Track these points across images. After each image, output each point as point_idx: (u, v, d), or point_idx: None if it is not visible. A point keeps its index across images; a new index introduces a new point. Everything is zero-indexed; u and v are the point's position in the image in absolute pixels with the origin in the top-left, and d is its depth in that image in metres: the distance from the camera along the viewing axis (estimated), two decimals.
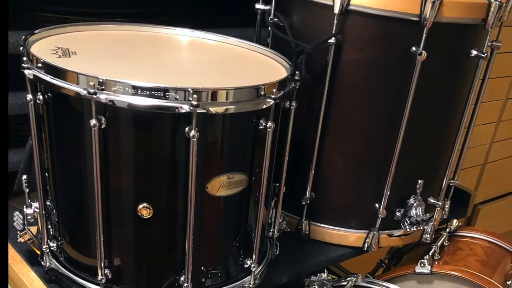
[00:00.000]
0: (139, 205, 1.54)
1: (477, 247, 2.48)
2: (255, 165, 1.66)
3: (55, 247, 1.73)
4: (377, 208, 2.12)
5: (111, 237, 1.59)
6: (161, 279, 1.68)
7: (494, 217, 4.06)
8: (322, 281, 2.13)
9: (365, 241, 2.19)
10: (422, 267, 2.28)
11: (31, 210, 1.71)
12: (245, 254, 1.79)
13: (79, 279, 1.70)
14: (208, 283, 1.73)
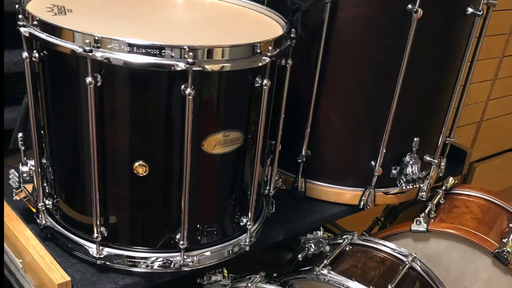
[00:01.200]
0: (135, 163, 1.55)
1: (473, 205, 2.50)
2: (251, 123, 1.68)
3: (51, 205, 1.76)
4: (373, 166, 2.14)
5: (106, 195, 1.61)
6: (157, 237, 1.70)
7: (490, 175, 4.08)
8: (318, 239, 2.15)
9: (361, 199, 2.21)
10: (418, 225, 2.29)
11: (27, 168, 1.72)
12: (241, 212, 1.81)
13: (74, 237, 1.72)
14: (204, 241, 1.76)
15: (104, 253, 1.68)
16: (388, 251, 2.17)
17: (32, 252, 1.66)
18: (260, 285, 1.91)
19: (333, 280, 1.97)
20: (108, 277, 1.71)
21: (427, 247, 2.33)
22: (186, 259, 1.71)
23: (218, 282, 1.90)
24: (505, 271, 2.26)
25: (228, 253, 1.81)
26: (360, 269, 2.09)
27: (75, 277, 1.67)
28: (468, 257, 2.29)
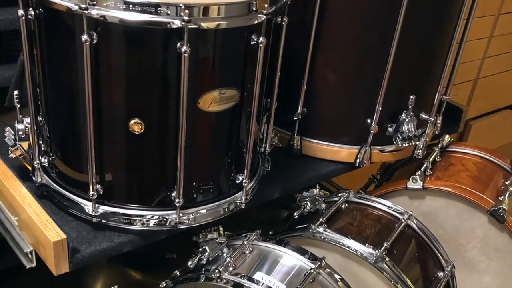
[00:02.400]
0: (131, 121, 1.56)
1: (469, 162, 2.51)
2: (247, 81, 1.69)
3: (47, 163, 1.77)
4: (369, 123, 2.16)
5: (102, 153, 1.63)
6: (153, 195, 1.72)
7: (486, 133, 4.09)
8: (314, 197, 2.17)
9: (357, 156, 2.23)
10: (414, 182, 2.31)
11: (23, 126, 1.73)
12: (237, 170, 1.83)
13: (70, 195, 1.74)
14: (199, 199, 1.78)
15: (100, 211, 1.70)
16: (384, 209, 2.19)
17: (27, 210, 1.67)
18: (256, 243, 1.93)
19: (329, 238, 2.00)
20: (103, 235, 1.73)
21: (423, 205, 2.35)
22: (181, 217, 1.73)
23: (214, 240, 1.92)
24: (501, 229, 2.29)
25: (224, 211, 1.84)
26: (356, 227, 2.12)
27: (71, 234, 1.69)
28: (464, 215, 2.32)
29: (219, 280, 1.76)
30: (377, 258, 1.94)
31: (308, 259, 1.87)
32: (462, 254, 2.38)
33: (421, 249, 2.15)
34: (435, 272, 2.15)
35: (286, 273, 1.84)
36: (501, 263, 2.36)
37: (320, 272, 1.85)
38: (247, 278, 1.77)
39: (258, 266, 1.86)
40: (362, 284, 1.98)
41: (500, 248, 2.33)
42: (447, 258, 2.19)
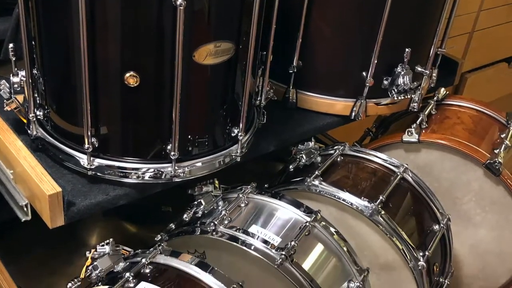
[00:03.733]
0: (126, 74, 1.57)
1: (464, 115, 2.52)
2: (242, 34, 1.69)
3: (42, 116, 1.78)
4: (365, 76, 2.17)
5: (98, 106, 1.64)
6: (148, 148, 1.74)
7: (481, 86, 4.09)
8: (309, 150, 2.18)
9: (352, 109, 2.24)
10: (409, 135, 2.33)
11: (18, 79, 1.73)
12: (232, 123, 1.85)
13: (65, 148, 1.75)
14: (195, 152, 1.79)
15: (95, 164, 1.72)
16: (380, 162, 2.20)
17: (23, 163, 1.69)
18: (251, 195, 1.95)
19: (325, 191, 2.01)
20: (99, 188, 1.75)
21: (419, 158, 2.37)
22: (177, 170, 1.75)
23: (209, 193, 1.93)
24: (496, 182, 2.31)
25: (219, 164, 1.85)
26: (352, 180, 2.13)
27: (66, 188, 1.71)
28: (459, 168, 2.33)
29: (215, 233, 1.78)
30: (372, 211, 1.96)
31: (304, 212, 1.89)
32: (457, 207, 2.41)
33: (416, 202, 2.17)
34: (431, 225, 2.17)
35: (281, 226, 1.86)
36: (497, 216, 2.38)
37: (315, 225, 1.87)
38: (242, 231, 1.80)
39: (254, 219, 1.88)
40: (358, 237, 2.00)
41: (496, 201, 2.35)
42: (442, 211, 2.21)
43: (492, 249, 2.46)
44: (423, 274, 2.00)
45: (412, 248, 1.98)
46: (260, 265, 1.74)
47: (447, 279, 2.28)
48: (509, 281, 2.51)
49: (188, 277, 1.63)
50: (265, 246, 1.75)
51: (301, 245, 1.79)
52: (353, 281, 1.87)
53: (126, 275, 1.60)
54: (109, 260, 1.68)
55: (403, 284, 2.04)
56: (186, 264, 1.65)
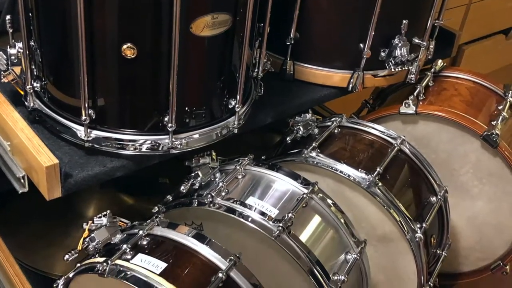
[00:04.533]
0: (123, 45, 1.57)
1: (461, 87, 2.52)
2: (239, 5, 1.70)
3: (39, 88, 1.78)
4: (362, 48, 2.17)
5: (95, 78, 1.64)
6: (145, 120, 1.74)
7: (479, 58, 4.09)
8: (306, 122, 2.18)
9: (349, 81, 2.24)
10: (406, 107, 2.32)
11: (15, 51, 1.72)
12: (229, 95, 1.85)
13: (63, 120, 1.76)
14: (192, 124, 1.80)
15: (92, 136, 1.72)
16: (377, 133, 2.20)
17: (20, 135, 1.69)
18: (248, 167, 1.95)
19: (322, 162, 2.01)
20: (96, 160, 1.75)
21: (416, 129, 2.37)
22: (174, 141, 1.75)
23: (207, 165, 1.94)
24: (493, 153, 2.31)
25: (217, 135, 1.86)
26: (349, 151, 2.13)
27: (63, 159, 1.72)
28: (457, 139, 2.34)
29: (212, 205, 1.79)
30: (369, 183, 1.96)
31: (301, 184, 1.90)
32: (455, 179, 2.42)
33: (413, 174, 2.18)
34: (428, 197, 2.18)
35: (278, 198, 1.87)
36: (494, 188, 2.39)
37: (312, 197, 1.88)
38: (239, 203, 1.80)
39: (251, 191, 1.88)
40: (355, 209, 2.01)
41: (493, 173, 2.36)
42: (440, 183, 2.22)
43: (489, 221, 2.47)
44: (420, 246, 2.01)
45: (409, 220, 1.99)
46: (257, 237, 1.75)
47: (444, 251, 2.29)
48: (506, 253, 2.52)
49: (185, 249, 1.64)
50: (262, 218, 1.76)
51: (298, 217, 1.80)
52: (351, 252, 1.88)
53: (123, 247, 1.61)
54: (106, 232, 1.70)
55: (400, 255, 2.05)
56: (183, 236, 1.66)
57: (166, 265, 1.57)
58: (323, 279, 1.74)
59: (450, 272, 2.66)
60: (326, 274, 1.77)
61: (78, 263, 1.67)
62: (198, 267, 1.61)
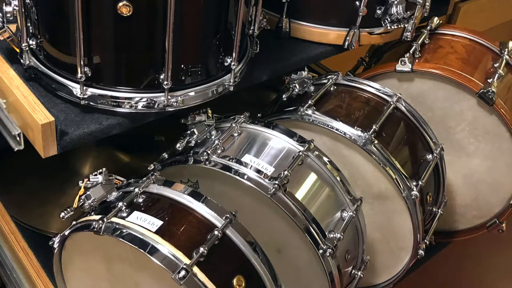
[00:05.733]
0: (119, 3, 1.57)
1: (458, 45, 2.52)
2: None
3: (35, 45, 1.77)
4: (358, 5, 2.17)
5: (90, 35, 1.64)
6: (141, 77, 1.75)
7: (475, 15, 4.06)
8: (302, 79, 2.18)
9: (345, 38, 2.24)
10: (402, 65, 2.32)
11: (10, 8, 1.71)
12: (225, 52, 1.85)
13: (58, 77, 1.76)
14: (188, 81, 1.80)
15: (88, 94, 1.73)
16: (373, 91, 2.20)
17: (15, 92, 1.69)
18: (244, 125, 1.96)
19: (318, 120, 2.02)
20: (92, 118, 1.75)
21: (412, 87, 2.37)
22: (170, 99, 1.76)
23: (202, 122, 1.94)
24: (490, 111, 2.31)
25: (212, 93, 1.86)
26: (345, 109, 2.14)
27: (59, 117, 1.72)
28: (453, 97, 2.34)
29: (208, 163, 1.80)
30: (365, 141, 1.97)
31: (297, 141, 1.90)
32: (451, 137, 2.42)
33: (409, 131, 2.18)
34: (424, 154, 2.19)
35: (274, 156, 1.88)
36: (490, 145, 2.40)
37: (308, 155, 1.88)
38: (235, 161, 1.81)
39: (247, 149, 1.89)
40: (351, 167, 2.02)
41: (489, 130, 2.36)
42: (436, 140, 2.22)
43: (485, 178, 2.49)
44: (416, 203, 2.02)
45: (405, 178, 2.01)
46: (253, 195, 1.76)
47: (440, 209, 2.31)
48: (502, 211, 2.54)
49: (181, 207, 1.65)
50: (258, 176, 1.77)
51: (294, 175, 1.81)
52: (346, 210, 1.90)
53: (119, 205, 1.62)
54: (102, 190, 1.71)
55: (396, 213, 2.06)
56: (179, 193, 1.67)
57: (162, 223, 1.58)
58: (319, 237, 1.76)
59: (446, 230, 2.68)
60: (322, 232, 1.78)
61: (73, 221, 1.68)
62: (194, 225, 1.63)
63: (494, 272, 3.77)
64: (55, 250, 1.73)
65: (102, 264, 1.69)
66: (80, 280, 1.80)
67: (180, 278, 1.44)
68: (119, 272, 1.68)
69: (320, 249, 1.75)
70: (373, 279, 2.28)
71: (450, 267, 3.63)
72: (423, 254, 2.14)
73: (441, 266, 3.49)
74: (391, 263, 2.22)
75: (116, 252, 1.63)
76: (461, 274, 3.72)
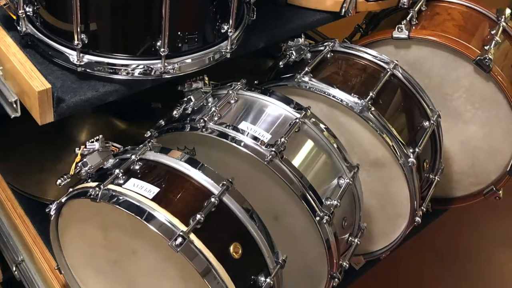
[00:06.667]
0: None
1: (454, 12, 2.51)
2: None
3: (31, 12, 1.77)
4: None
5: (87, 1, 1.63)
6: (138, 44, 1.75)
7: None
8: (299, 46, 2.18)
9: (342, 5, 2.24)
10: (399, 32, 2.32)
11: None
12: (222, 19, 1.85)
13: (55, 44, 1.76)
14: (184, 48, 1.80)
15: (85, 60, 1.73)
16: (370, 58, 2.19)
17: (12, 59, 1.69)
18: (241, 92, 1.96)
19: (314, 87, 2.02)
20: (88, 84, 1.76)
21: (409, 54, 2.37)
22: (167, 66, 1.76)
23: (199, 90, 1.94)
24: (486, 78, 2.32)
25: (209, 60, 1.86)
26: (342, 76, 2.14)
27: (56, 84, 1.72)
28: (449, 64, 2.34)
29: (204, 130, 1.80)
30: (362, 108, 1.97)
31: (294, 108, 1.91)
32: (448, 104, 2.43)
33: (406, 98, 2.19)
34: (421, 121, 2.19)
35: (271, 123, 1.88)
36: (487, 112, 2.41)
37: (305, 122, 1.89)
38: (232, 128, 1.81)
39: (243, 116, 1.89)
40: (348, 134, 2.03)
41: (486, 97, 2.37)
42: (432, 107, 2.22)
43: (482, 145, 2.50)
44: (413, 170, 2.03)
45: (402, 145, 2.01)
46: (250, 162, 1.77)
47: (437, 176, 2.32)
48: (499, 178, 2.55)
49: (178, 174, 1.66)
50: (254, 143, 1.77)
51: (291, 142, 1.81)
52: (343, 177, 1.91)
53: (116, 172, 1.63)
54: (98, 157, 1.71)
55: (393, 180, 2.07)
56: (175, 160, 1.68)
57: (159, 190, 1.59)
58: (315, 204, 1.77)
59: (443, 197, 2.70)
60: (319, 199, 1.79)
61: (70, 188, 1.69)
62: (191, 192, 1.64)
63: (490, 239, 3.80)
64: (52, 217, 1.73)
65: (99, 232, 1.70)
66: (76, 247, 1.81)
67: (176, 245, 1.45)
68: (115, 239, 1.69)
69: (317, 216, 1.76)
70: (370, 246, 2.29)
71: (447, 234, 3.66)
72: (420, 221, 2.15)
73: (438, 233, 3.52)
74: (388, 230, 2.23)
75: (112, 219, 1.64)
76: (458, 241, 3.75)
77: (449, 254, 3.66)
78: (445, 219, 2.85)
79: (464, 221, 3.74)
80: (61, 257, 1.85)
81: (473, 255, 3.70)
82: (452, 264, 3.62)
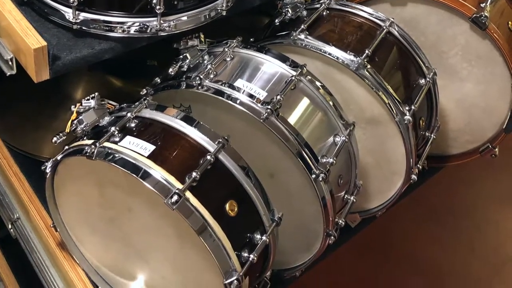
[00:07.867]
0: None
1: None
2: None
3: None
4: None
5: None
6: (133, 2, 1.76)
7: None
8: (295, 4, 2.17)
9: None
10: None
11: None
12: None
13: (51, 2, 1.77)
14: (180, 6, 1.81)
15: (81, 18, 1.74)
16: (366, 16, 2.19)
17: (8, 17, 1.69)
18: (237, 49, 1.96)
19: (310, 45, 2.02)
20: (84, 42, 1.77)
21: (405, 12, 2.37)
22: (162, 24, 1.77)
23: (195, 47, 1.94)
24: (482, 36, 2.32)
25: (205, 17, 1.87)
26: (337, 34, 2.14)
27: (51, 42, 1.73)
28: (445, 21, 2.34)
29: (200, 87, 1.81)
30: (358, 65, 1.98)
31: (289, 66, 1.91)
32: (444, 62, 2.43)
33: (402, 56, 2.19)
34: (417, 79, 2.20)
35: (267, 80, 1.89)
36: (483, 70, 2.41)
37: (301, 79, 1.89)
38: (228, 85, 1.82)
39: (239, 73, 1.90)
40: (343, 92, 2.03)
41: (482, 55, 2.37)
42: (428, 65, 2.23)
43: (478, 103, 2.51)
44: (409, 128, 2.04)
45: (398, 102, 2.02)
46: (246, 119, 1.78)
47: (433, 133, 2.33)
48: (495, 135, 2.56)
49: (174, 131, 1.67)
50: (250, 100, 1.78)
51: (286, 99, 1.82)
52: (339, 135, 1.92)
53: (112, 129, 1.63)
54: (94, 114, 1.72)
55: (389, 138, 2.08)
56: (171, 118, 1.69)
57: (154, 148, 1.60)
58: (311, 161, 1.78)
59: (439, 154, 2.71)
60: (315, 156, 1.80)
61: (66, 146, 1.70)
62: (187, 150, 1.65)
63: (486, 197, 3.83)
64: (48, 175, 1.74)
65: (95, 189, 1.72)
66: (72, 205, 1.83)
67: (172, 202, 1.47)
68: (111, 197, 1.71)
69: (313, 174, 1.77)
70: (366, 204, 2.31)
71: (443, 191, 3.68)
72: (416, 179, 2.16)
73: (433, 191, 3.54)
74: (384, 188, 2.25)
75: (108, 177, 1.65)
76: (454, 198, 3.78)
77: (445, 212, 3.69)
78: (441, 177, 2.87)
79: (460, 179, 3.76)
80: (57, 215, 1.86)
81: (469, 212, 3.73)
82: (448, 222, 3.65)
